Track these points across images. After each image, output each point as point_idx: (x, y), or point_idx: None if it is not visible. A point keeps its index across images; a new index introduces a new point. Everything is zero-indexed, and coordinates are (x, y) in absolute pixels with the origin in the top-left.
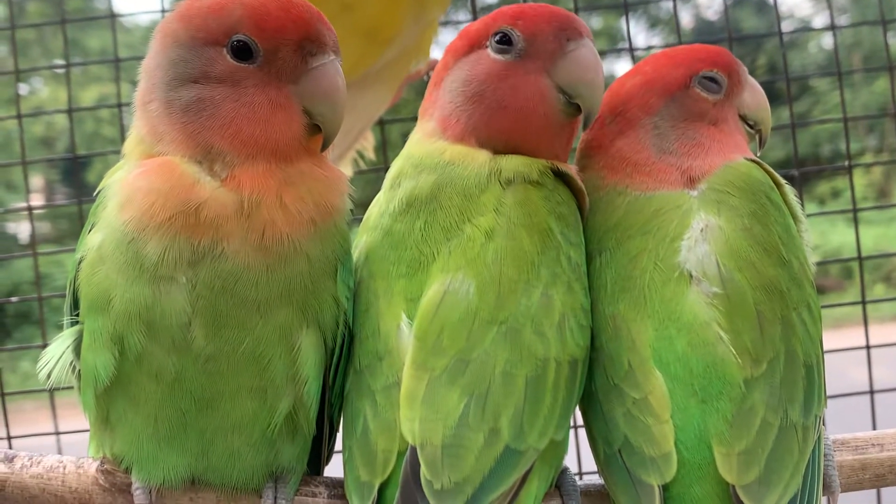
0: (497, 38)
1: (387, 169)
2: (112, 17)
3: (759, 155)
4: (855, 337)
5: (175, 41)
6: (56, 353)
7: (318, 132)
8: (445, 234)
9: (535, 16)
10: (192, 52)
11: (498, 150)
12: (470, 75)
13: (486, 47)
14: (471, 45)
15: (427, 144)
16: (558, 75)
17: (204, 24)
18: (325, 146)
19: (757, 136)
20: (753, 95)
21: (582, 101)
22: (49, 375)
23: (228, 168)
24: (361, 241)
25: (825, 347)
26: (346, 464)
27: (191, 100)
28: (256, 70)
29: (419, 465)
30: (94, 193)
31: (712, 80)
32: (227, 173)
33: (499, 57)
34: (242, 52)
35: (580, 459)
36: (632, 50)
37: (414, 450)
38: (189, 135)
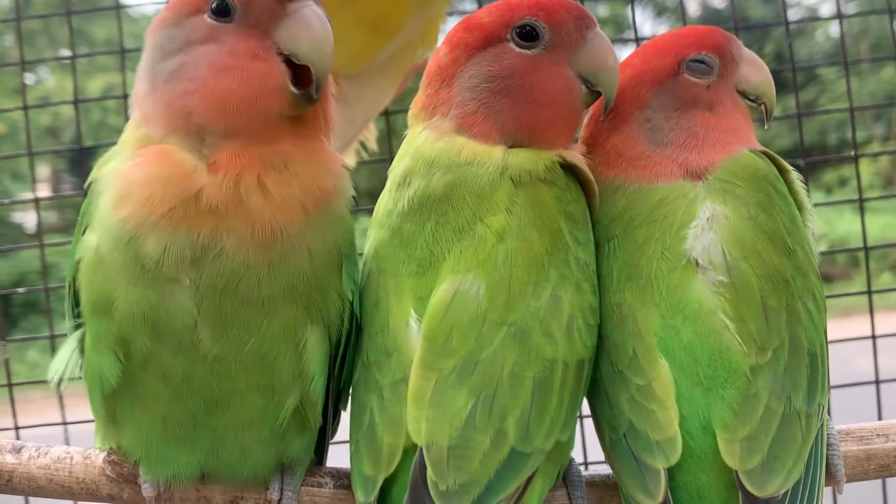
0: (521, 31)
1: (390, 159)
2: (118, 8)
3: (766, 127)
4: (861, 325)
5: (163, 24)
6: (64, 359)
7: (309, 103)
8: (457, 234)
9: (556, 6)
10: (177, 28)
11: (519, 144)
12: (493, 71)
13: (507, 41)
14: (487, 39)
15: (441, 143)
16: (580, 64)
17: (187, 0)
18: (316, 90)
19: (763, 109)
20: (751, 69)
21: (604, 88)
22: (60, 381)
23: (213, 151)
24: (370, 235)
25: (831, 336)
26: (353, 457)
27: (174, 68)
28: (235, 26)
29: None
30: (85, 186)
31: (702, 63)
32: (213, 158)
33: (524, 51)
34: (221, 10)
35: (585, 450)
36: (637, 40)
37: (423, 450)
38: (168, 104)
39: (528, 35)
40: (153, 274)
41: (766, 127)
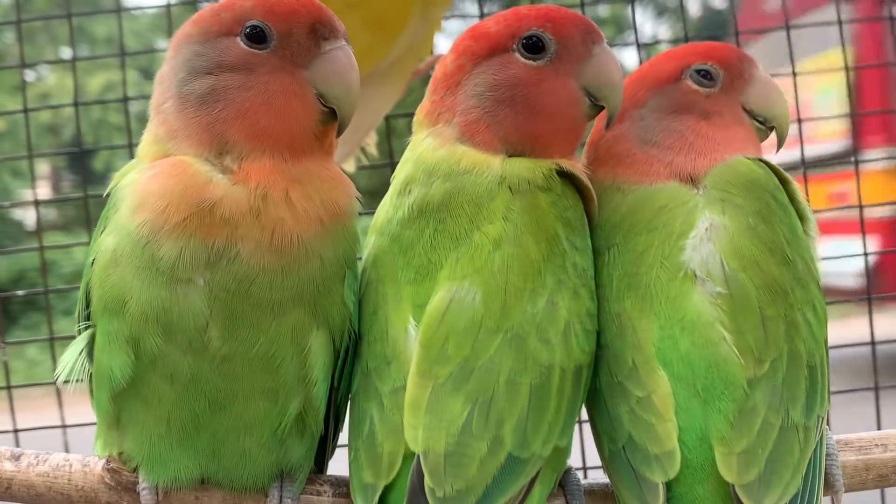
0: (527, 41)
1: (390, 163)
2: (118, 10)
3: (775, 153)
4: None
5: (189, 40)
6: (71, 359)
7: (331, 121)
8: (454, 241)
9: (563, 19)
10: (206, 46)
11: (520, 154)
12: (498, 80)
13: (513, 51)
14: (492, 49)
15: (442, 151)
16: (585, 78)
17: (217, 19)
18: (340, 131)
19: (774, 134)
20: (761, 91)
21: (607, 103)
22: (66, 382)
23: (238, 161)
24: (370, 242)
25: (830, 342)
26: (352, 464)
27: (205, 91)
28: (270, 55)
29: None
30: (105, 194)
31: (705, 73)
32: (237, 165)
33: (529, 62)
34: (256, 37)
35: (584, 456)
36: (638, 44)
37: (420, 457)
38: (204, 128)
39: (534, 46)
40: (168, 275)
41: (775, 153)
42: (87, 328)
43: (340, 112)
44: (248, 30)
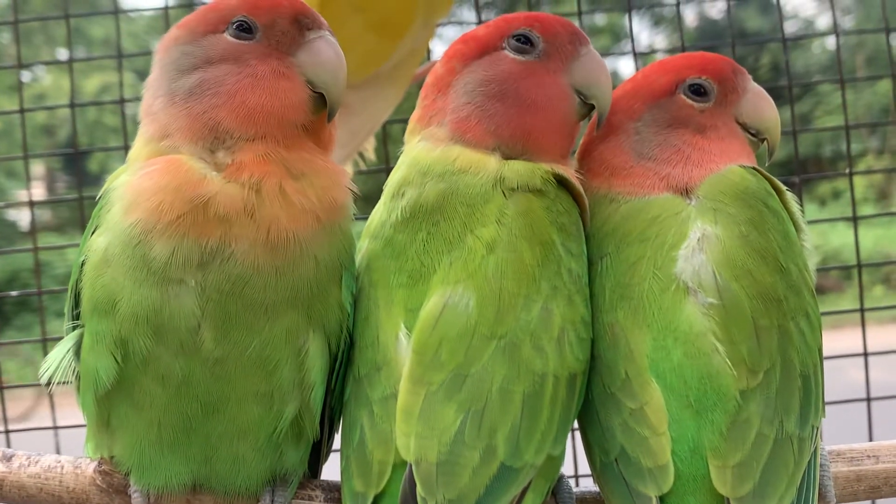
0: (516, 39)
1: (388, 168)
2: (115, 12)
3: (766, 165)
4: (854, 338)
5: (176, 42)
6: (57, 358)
7: (322, 108)
8: (447, 245)
9: (551, 20)
10: (194, 45)
11: (513, 152)
12: (489, 76)
13: (503, 49)
14: (482, 49)
15: (437, 152)
16: (574, 77)
17: (203, 19)
18: (330, 117)
19: (765, 146)
20: (754, 104)
21: (597, 102)
22: (50, 380)
23: (231, 152)
24: (363, 246)
25: (824, 348)
26: (343, 472)
27: (193, 84)
28: (256, 45)
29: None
30: (97, 197)
31: (700, 87)
32: (231, 158)
33: (519, 57)
34: (244, 29)
35: (577, 463)
36: (635, 53)
37: (412, 466)
38: (195, 117)
39: (523, 42)
40: (159, 276)
41: (766, 164)
42: (75, 328)
43: (329, 96)
44: (234, 24)
